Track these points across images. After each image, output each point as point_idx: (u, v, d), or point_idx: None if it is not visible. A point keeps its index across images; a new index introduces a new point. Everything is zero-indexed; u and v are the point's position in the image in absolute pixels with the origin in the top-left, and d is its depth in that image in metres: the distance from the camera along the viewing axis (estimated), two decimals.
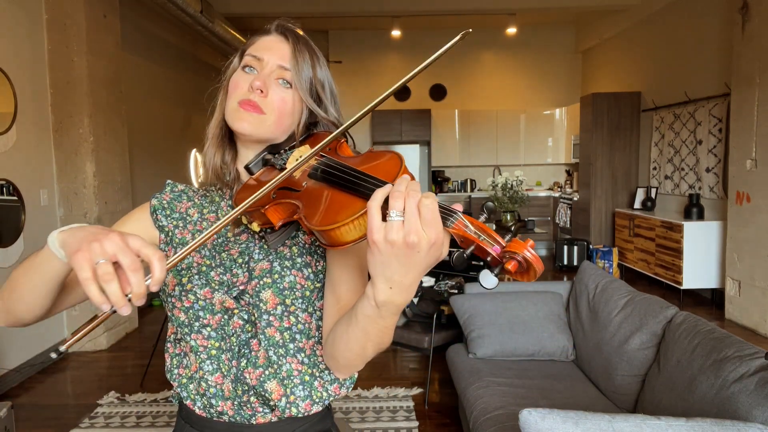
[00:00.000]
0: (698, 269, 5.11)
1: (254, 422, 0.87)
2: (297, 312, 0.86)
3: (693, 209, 5.27)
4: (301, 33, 0.90)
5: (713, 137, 5.26)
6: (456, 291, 3.47)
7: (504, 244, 0.58)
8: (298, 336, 0.87)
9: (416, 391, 3.30)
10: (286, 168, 0.83)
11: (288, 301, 0.85)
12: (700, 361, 1.80)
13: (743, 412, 1.52)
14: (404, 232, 0.57)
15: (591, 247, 6.62)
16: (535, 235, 7.36)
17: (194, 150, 7.04)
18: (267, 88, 0.84)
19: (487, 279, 0.57)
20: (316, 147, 0.73)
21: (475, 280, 3.62)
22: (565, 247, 6.72)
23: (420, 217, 0.57)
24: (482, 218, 0.61)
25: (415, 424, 2.90)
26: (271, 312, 0.85)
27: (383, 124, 8.48)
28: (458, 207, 0.61)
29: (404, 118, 8.47)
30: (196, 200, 0.97)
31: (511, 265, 0.56)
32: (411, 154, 8.55)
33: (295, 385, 0.86)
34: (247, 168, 0.89)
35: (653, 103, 6.37)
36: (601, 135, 6.81)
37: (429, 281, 3.67)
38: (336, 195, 0.70)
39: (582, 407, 1.51)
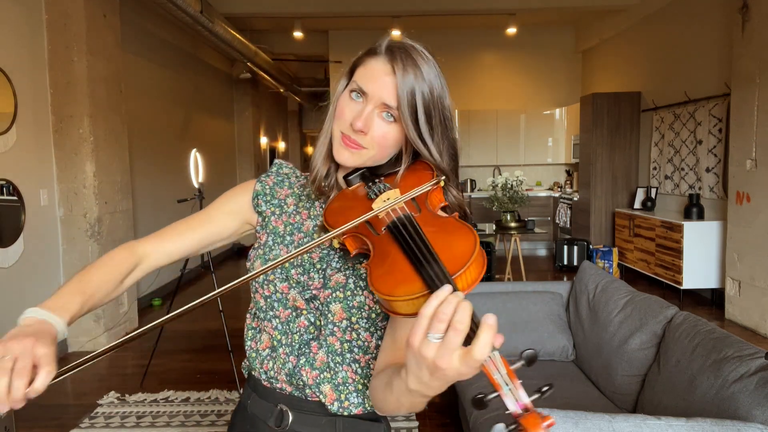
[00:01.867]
0: (698, 269, 5.11)
1: (310, 399, 0.92)
2: (360, 330, 0.89)
3: (693, 209, 5.27)
4: (411, 53, 0.84)
5: (713, 137, 5.26)
6: None
7: (526, 405, 0.56)
8: (356, 349, 0.90)
9: None
10: (373, 200, 0.84)
11: (354, 319, 0.88)
12: (700, 361, 1.80)
13: (743, 412, 1.52)
14: (437, 355, 0.57)
15: (591, 247, 6.62)
16: (535, 235, 7.36)
17: (194, 150, 7.03)
18: (369, 128, 0.85)
19: None
20: (400, 197, 0.76)
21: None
22: (565, 247, 6.72)
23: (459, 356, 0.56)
24: (519, 364, 0.58)
25: (415, 424, 2.90)
26: (336, 324, 0.89)
27: None
28: (499, 340, 0.56)
29: None
30: (295, 189, 1.00)
31: None
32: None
33: (350, 392, 0.90)
34: (345, 179, 0.91)
35: (653, 103, 6.37)
36: (601, 135, 6.81)
37: None
38: (401, 262, 0.70)
39: (582, 407, 1.51)
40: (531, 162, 8.79)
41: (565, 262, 6.71)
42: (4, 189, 3.50)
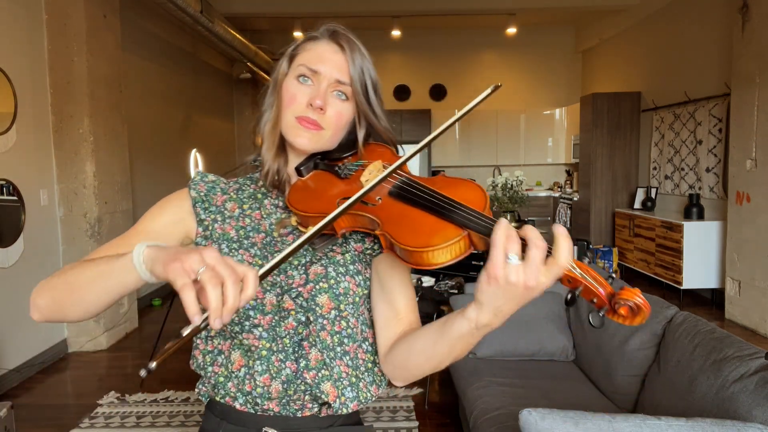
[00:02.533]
0: (698, 269, 5.11)
1: (300, 415, 0.88)
2: (348, 317, 0.88)
3: (693, 209, 5.27)
4: (352, 37, 0.90)
5: (713, 137, 5.26)
6: (456, 291, 3.47)
7: (609, 288, 0.62)
8: (345, 340, 0.89)
9: (416, 391, 3.30)
10: (350, 177, 0.86)
11: (342, 307, 0.87)
12: (700, 361, 1.80)
13: (743, 412, 1.52)
14: (525, 276, 0.60)
15: (591, 247, 6.61)
16: None
17: (194, 150, 7.04)
18: (326, 106, 0.86)
19: (597, 319, 0.62)
20: (396, 164, 0.76)
21: (474, 280, 3.63)
22: None
23: (544, 266, 0.61)
24: (585, 261, 0.65)
25: (415, 424, 2.90)
26: (325, 316, 0.86)
27: None
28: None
29: (404, 118, 8.47)
30: (231, 194, 0.95)
31: (623, 310, 0.61)
32: None
33: (345, 386, 0.88)
34: (297, 170, 0.91)
35: (653, 103, 6.37)
36: (601, 135, 6.81)
37: (429, 281, 3.67)
38: (422, 216, 0.72)
39: (582, 407, 1.51)
40: (531, 162, 8.79)
41: None
42: (4, 189, 3.50)
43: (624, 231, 6.36)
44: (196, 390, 0.95)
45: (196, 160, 7.09)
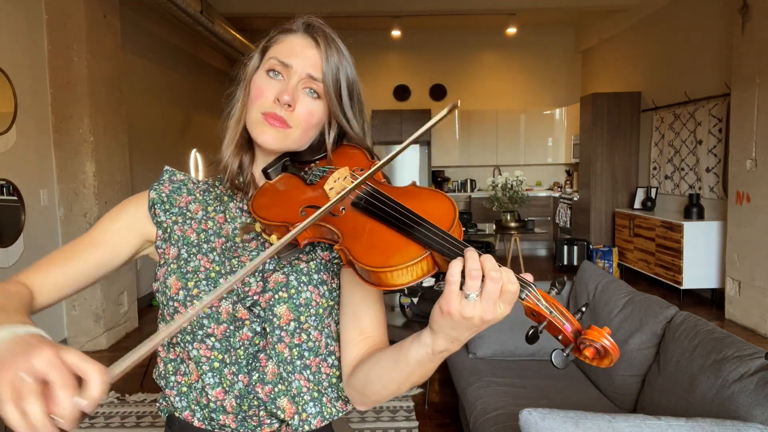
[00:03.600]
0: (698, 269, 5.11)
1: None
2: (309, 330, 0.82)
3: (693, 209, 5.27)
4: (329, 33, 0.84)
5: (713, 137, 5.26)
6: None
7: (576, 325, 0.59)
8: (306, 353, 0.83)
9: (416, 391, 3.30)
10: (315, 184, 0.80)
11: (302, 318, 0.81)
12: (700, 361, 1.80)
13: (743, 412, 1.52)
14: (481, 311, 0.58)
15: (591, 247, 6.62)
16: (535, 235, 7.36)
17: (194, 150, 7.04)
18: (295, 103, 0.80)
19: (559, 359, 0.58)
20: (365, 174, 0.69)
21: None
22: (565, 247, 6.72)
23: (499, 299, 0.58)
24: (553, 293, 0.61)
25: (415, 424, 2.90)
26: (284, 327, 0.81)
27: (383, 124, 8.48)
28: (529, 277, 0.61)
29: (404, 118, 8.47)
30: (197, 195, 0.90)
31: (588, 352, 0.58)
32: (411, 154, 8.55)
33: (306, 402, 0.83)
34: (264, 172, 0.84)
35: (653, 103, 6.37)
36: (601, 135, 6.81)
37: (429, 281, 3.66)
38: (383, 232, 0.68)
39: (582, 407, 1.51)
40: (531, 162, 8.79)
41: (565, 262, 6.71)
42: (4, 189, 3.50)
43: (624, 231, 6.36)
44: (158, 404, 0.90)
45: (196, 160, 7.09)
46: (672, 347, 1.99)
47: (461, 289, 0.59)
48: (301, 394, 0.83)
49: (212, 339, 0.81)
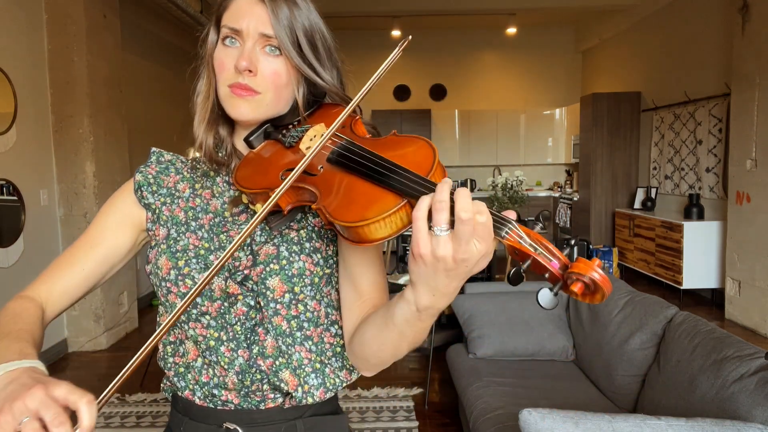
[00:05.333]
0: (698, 269, 5.11)
1: (263, 407, 0.83)
2: (306, 300, 0.81)
3: (693, 209, 5.27)
4: None
5: (713, 137, 5.26)
6: None
7: (563, 260, 0.54)
8: (306, 324, 0.82)
9: (416, 391, 3.30)
10: (294, 146, 0.77)
11: (297, 289, 0.79)
12: (700, 361, 1.80)
13: (743, 412, 1.52)
14: (454, 248, 0.53)
15: (591, 247, 6.61)
16: None
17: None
18: (255, 65, 0.76)
19: (546, 298, 0.53)
20: (332, 126, 0.66)
21: (477, 280, 3.62)
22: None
23: (473, 235, 0.53)
24: (537, 228, 0.56)
25: (415, 424, 2.90)
26: (279, 300, 0.79)
27: (383, 123, 8.48)
28: (511, 215, 0.56)
29: (404, 118, 8.47)
30: (185, 173, 0.89)
31: (577, 287, 0.52)
32: None
33: (307, 374, 0.82)
34: (247, 141, 0.82)
35: (653, 103, 6.37)
36: (601, 135, 6.81)
37: None
38: (360, 185, 0.64)
39: (582, 407, 1.51)
40: (531, 162, 8.79)
41: None
42: (4, 189, 3.50)
43: (624, 231, 6.37)
44: (162, 385, 0.91)
45: None
46: (672, 347, 1.99)
47: (430, 229, 0.54)
48: (302, 366, 0.82)
49: (207, 317, 0.80)
